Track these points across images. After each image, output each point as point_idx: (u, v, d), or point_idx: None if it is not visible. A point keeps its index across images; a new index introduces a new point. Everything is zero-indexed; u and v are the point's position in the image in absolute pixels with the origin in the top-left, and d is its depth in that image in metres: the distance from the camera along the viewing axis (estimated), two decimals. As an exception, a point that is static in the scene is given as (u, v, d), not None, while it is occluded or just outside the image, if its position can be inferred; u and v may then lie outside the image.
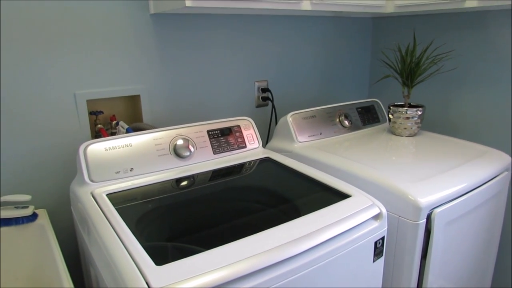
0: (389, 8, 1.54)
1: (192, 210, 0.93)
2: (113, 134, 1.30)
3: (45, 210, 1.17)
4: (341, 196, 0.99)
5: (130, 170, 1.03)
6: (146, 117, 1.34)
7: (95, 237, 0.82)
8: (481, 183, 1.19)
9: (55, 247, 0.95)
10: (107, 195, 0.94)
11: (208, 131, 1.19)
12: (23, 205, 1.11)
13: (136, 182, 1.02)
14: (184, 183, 1.05)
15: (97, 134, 1.28)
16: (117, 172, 1.01)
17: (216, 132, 1.20)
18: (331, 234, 0.84)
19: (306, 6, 1.28)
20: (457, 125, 1.71)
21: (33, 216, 1.09)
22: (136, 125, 1.27)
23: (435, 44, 1.70)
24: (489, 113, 1.59)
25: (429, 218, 1.05)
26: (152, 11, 1.26)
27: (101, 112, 1.27)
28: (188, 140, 1.14)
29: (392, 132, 1.53)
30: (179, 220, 0.88)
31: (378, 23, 1.95)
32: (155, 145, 1.08)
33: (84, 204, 0.91)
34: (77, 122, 1.22)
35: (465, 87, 1.65)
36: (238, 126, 1.25)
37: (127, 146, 1.04)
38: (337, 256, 0.85)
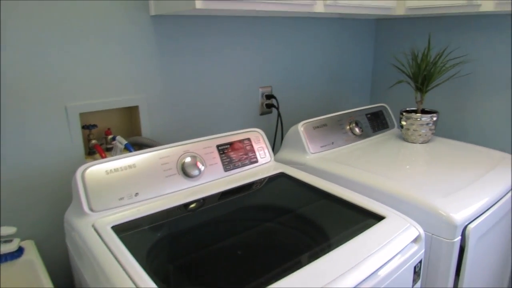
0: (400, 10, 1.47)
1: (209, 238, 0.81)
2: (108, 150, 1.16)
3: (33, 242, 1.03)
4: (374, 217, 0.89)
5: (135, 195, 0.90)
6: (145, 131, 1.21)
7: (102, 280, 0.70)
8: (506, 193, 1.13)
9: (46, 285, 0.82)
10: (112, 228, 0.81)
11: (217, 146, 1.07)
12: (6, 238, 0.96)
13: (142, 209, 0.89)
14: (196, 207, 0.94)
15: (90, 151, 1.14)
16: (121, 199, 0.88)
17: (226, 147, 1.09)
18: (376, 265, 0.74)
19: (319, 8, 1.19)
20: (467, 129, 1.65)
21: (19, 252, 0.95)
22: (135, 140, 1.14)
23: (449, 48, 1.64)
24: (500, 117, 1.54)
25: (463, 235, 0.98)
26: (152, 13, 1.13)
27: (95, 126, 1.14)
28: (196, 157, 1.02)
29: (405, 139, 1.45)
30: (196, 253, 0.77)
31: (382, 26, 1.88)
32: (162, 164, 0.96)
33: (86, 240, 0.78)
34: (69, 139, 1.08)
35: (476, 91, 1.59)
36: (249, 139, 1.14)
37: (131, 167, 0.92)
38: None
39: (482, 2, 1.26)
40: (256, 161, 1.14)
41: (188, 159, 1.00)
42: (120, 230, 0.81)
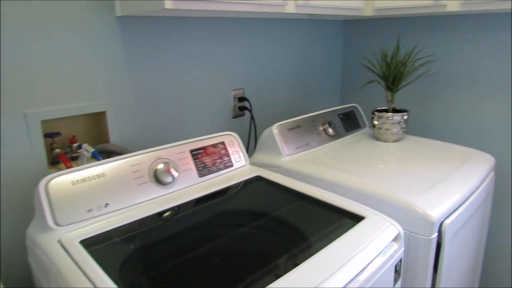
0: (368, 11, 1.48)
1: (185, 247, 0.77)
2: (74, 159, 1.10)
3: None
4: (353, 217, 0.88)
5: (105, 206, 0.85)
6: (113, 137, 1.15)
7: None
8: (477, 187, 1.16)
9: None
10: (81, 242, 0.75)
11: (191, 151, 1.03)
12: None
13: (113, 221, 0.84)
14: (170, 215, 0.89)
15: (54, 161, 1.07)
16: (90, 210, 0.83)
17: (200, 151, 1.05)
18: (359, 267, 0.73)
19: (290, 8, 1.17)
20: (435, 127, 1.69)
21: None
22: (103, 147, 1.09)
23: (417, 48, 1.66)
24: (466, 114, 1.58)
25: (439, 231, 0.98)
26: (118, 14, 1.08)
27: (59, 133, 1.07)
28: (169, 164, 0.98)
29: (377, 138, 1.46)
30: (171, 263, 0.73)
31: (350, 26, 1.89)
32: (133, 172, 0.91)
33: (51, 257, 0.73)
34: (29, 148, 1.01)
35: (443, 90, 1.63)
36: (223, 143, 1.11)
37: (99, 176, 0.86)
38: (364, 291, 0.75)
39: (447, 2, 1.29)
40: (231, 165, 1.11)
41: (160, 166, 0.96)
42: (90, 244, 0.75)
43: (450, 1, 1.28)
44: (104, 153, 1.10)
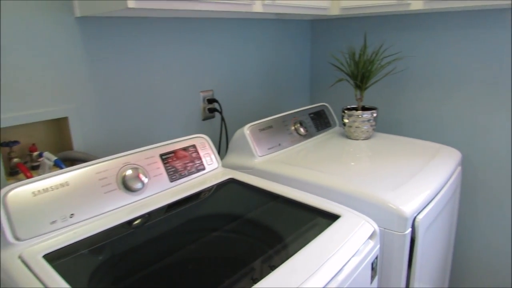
0: (334, 10, 1.49)
1: (157, 255, 0.74)
2: (34, 168, 1.03)
3: None
4: (329, 216, 0.88)
5: (70, 217, 0.80)
6: (77, 144, 1.10)
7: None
8: (446, 182, 1.18)
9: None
10: (44, 256, 0.70)
11: (161, 155, 0.99)
12: None
13: (80, 232, 0.79)
14: (141, 223, 0.86)
15: (13, 171, 1.01)
16: (53, 222, 0.78)
17: (170, 155, 1.01)
18: (337, 267, 0.72)
19: (257, 8, 1.16)
20: (402, 123, 1.72)
21: None
22: (66, 155, 1.03)
23: (384, 46, 1.69)
24: (432, 110, 1.62)
25: (413, 226, 0.99)
26: (78, 14, 1.03)
27: (17, 142, 1.00)
28: (138, 169, 0.94)
29: (348, 136, 1.47)
30: (143, 273, 0.69)
31: (317, 26, 1.90)
32: (99, 179, 0.86)
33: (11, 274, 0.67)
34: (-15, 159, 0.94)
35: (409, 87, 1.66)
36: (194, 146, 1.08)
37: (63, 185, 0.81)
38: (344, 290, 0.74)
39: (411, 1, 1.31)
40: (203, 169, 1.08)
41: (129, 172, 0.91)
42: (54, 258, 0.71)
43: (414, 0, 1.30)
44: (68, 161, 1.04)
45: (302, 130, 1.42)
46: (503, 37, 1.38)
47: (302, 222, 0.86)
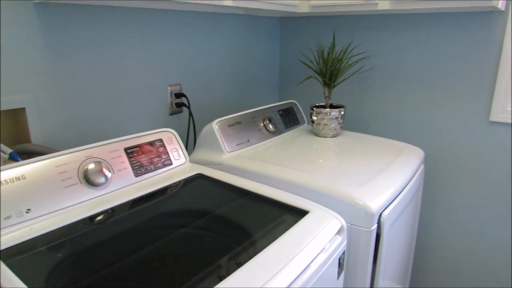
0: (303, 8, 1.49)
1: (121, 253, 0.71)
2: (-12, 161, 0.97)
3: None
4: (298, 212, 0.87)
5: (27, 212, 0.75)
6: (35, 137, 1.04)
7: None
8: (410, 179, 1.21)
9: None
10: (-3, 254, 0.66)
11: (125, 149, 0.96)
12: None
13: (37, 228, 0.75)
14: (104, 219, 0.82)
15: (-37, 164, 0.94)
16: (8, 218, 0.73)
17: (136, 149, 0.98)
18: (305, 262, 0.72)
19: (228, 1, 1.14)
20: (368, 122, 1.75)
21: None
22: (23, 148, 0.97)
23: (352, 44, 1.71)
24: (396, 109, 1.66)
25: (378, 222, 1.01)
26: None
27: (-32, 133, 0.94)
28: (101, 163, 0.90)
29: (316, 133, 1.48)
30: (106, 271, 0.66)
31: (286, 23, 1.91)
32: (59, 173, 0.82)
33: (-39, 272, 0.62)
34: None
35: (376, 86, 1.70)
36: (161, 140, 1.05)
37: (19, 179, 0.76)
38: (311, 285, 0.74)
39: (379, 1, 1.34)
40: (170, 163, 1.05)
41: (91, 166, 0.87)
42: (9, 255, 0.66)
43: (381, 0, 1.33)
44: (25, 154, 0.99)
45: (271, 126, 1.41)
46: (463, 39, 1.44)
47: (271, 218, 0.85)
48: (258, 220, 0.85)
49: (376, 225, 0.99)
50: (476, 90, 1.46)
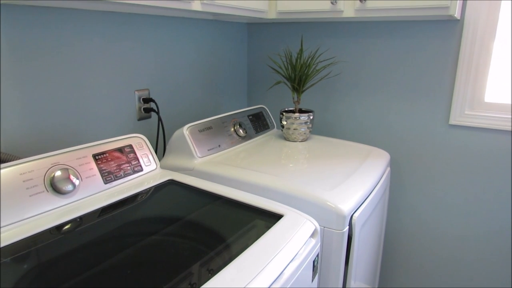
0: (271, 14, 1.51)
1: (92, 262, 0.68)
2: None
3: None
4: (272, 216, 0.88)
5: (-11, 223, 0.71)
6: (-5, 143, 0.98)
7: None
8: (378, 181, 1.25)
9: None
10: (-43, 268, 0.62)
11: (94, 156, 0.93)
12: None
13: (1, 239, 0.71)
14: (72, 228, 0.79)
15: None
16: (-32, 229, 0.68)
17: (105, 155, 0.95)
18: (281, 266, 0.72)
19: (196, 6, 1.13)
20: (335, 126, 1.79)
21: None
22: (-18, 156, 0.92)
23: (319, 50, 1.75)
24: (363, 113, 1.71)
25: (350, 224, 1.03)
26: (-3, -1, 0.93)
27: None
28: (68, 170, 0.86)
29: (286, 138, 1.50)
30: (76, 281, 0.63)
31: (254, 29, 1.92)
32: (24, 181, 0.78)
33: None
34: None
35: (342, 91, 1.74)
36: (130, 146, 1.02)
37: (-21, 188, 0.72)
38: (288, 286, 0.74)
39: (344, 9, 1.37)
40: (141, 170, 1.03)
41: (58, 173, 0.84)
42: (-31, 270, 0.62)
43: (346, 8, 1.37)
44: (-16, 161, 0.93)
45: (241, 131, 1.41)
46: (423, 47, 1.51)
47: (245, 223, 0.85)
48: (233, 225, 0.84)
49: (347, 227, 1.01)
50: (436, 95, 1.53)
